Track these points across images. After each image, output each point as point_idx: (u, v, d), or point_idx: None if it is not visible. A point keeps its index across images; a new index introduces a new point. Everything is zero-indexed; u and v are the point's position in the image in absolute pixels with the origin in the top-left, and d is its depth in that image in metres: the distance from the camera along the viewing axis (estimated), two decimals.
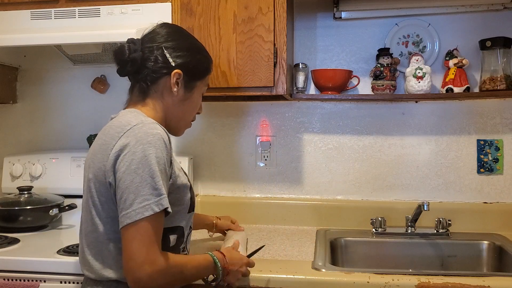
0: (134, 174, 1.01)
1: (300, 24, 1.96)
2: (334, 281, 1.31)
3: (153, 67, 1.17)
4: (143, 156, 1.02)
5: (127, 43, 1.18)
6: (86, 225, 1.13)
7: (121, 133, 1.07)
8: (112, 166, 1.04)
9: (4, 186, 1.99)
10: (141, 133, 1.05)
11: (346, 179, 1.95)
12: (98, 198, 1.09)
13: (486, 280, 1.26)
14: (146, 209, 0.99)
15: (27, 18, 1.71)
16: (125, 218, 1.00)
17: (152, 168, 1.02)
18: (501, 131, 1.86)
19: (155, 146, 1.04)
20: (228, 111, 2.02)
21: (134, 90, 1.21)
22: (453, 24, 1.86)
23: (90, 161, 1.13)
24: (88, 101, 2.09)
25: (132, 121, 1.09)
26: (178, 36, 1.23)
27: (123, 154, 1.03)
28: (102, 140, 1.11)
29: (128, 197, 1.00)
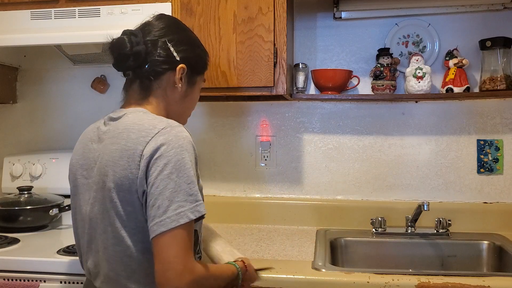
0: (167, 180, 0.95)
1: (300, 24, 1.96)
2: (334, 281, 1.31)
3: (157, 61, 1.10)
4: (176, 160, 0.97)
5: (125, 35, 1.10)
6: (105, 238, 1.03)
7: (147, 137, 1.00)
8: (144, 173, 0.98)
9: (4, 186, 1.99)
10: (172, 136, 1.00)
11: (346, 179, 1.95)
12: (123, 208, 1.00)
13: (486, 280, 1.26)
14: (182, 216, 0.94)
15: (27, 18, 1.71)
16: (158, 226, 0.94)
17: (186, 173, 0.97)
18: (501, 131, 1.86)
19: (187, 150, 0.99)
20: (228, 111, 2.02)
21: (133, 87, 1.14)
22: (453, 24, 1.86)
23: (107, 168, 1.02)
24: (88, 101, 2.09)
25: (158, 124, 1.02)
26: (178, 29, 1.18)
27: (154, 159, 0.97)
28: (121, 145, 1.02)
29: (162, 203, 0.95)
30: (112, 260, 1.03)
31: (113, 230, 1.02)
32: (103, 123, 1.13)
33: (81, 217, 1.11)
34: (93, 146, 1.10)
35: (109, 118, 1.12)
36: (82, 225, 1.11)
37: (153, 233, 0.95)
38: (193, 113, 2.00)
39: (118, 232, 1.01)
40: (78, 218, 1.13)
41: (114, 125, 1.08)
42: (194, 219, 0.97)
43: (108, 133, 1.07)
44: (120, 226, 1.01)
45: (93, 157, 1.09)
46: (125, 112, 1.10)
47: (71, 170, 1.16)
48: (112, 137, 1.05)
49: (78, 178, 1.12)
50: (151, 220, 0.96)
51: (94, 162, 1.08)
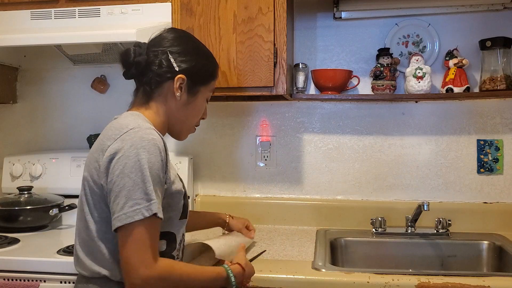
0: (127, 178, 1.02)
1: (300, 24, 1.96)
2: (334, 281, 1.31)
3: (157, 70, 1.17)
4: (136, 160, 1.02)
5: (133, 46, 1.20)
6: (78, 222, 1.14)
7: (117, 135, 1.08)
8: (106, 168, 1.05)
9: (4, 186, 1.99)
10: (136, 137, 1.05)
11: (346, 179, 1.95)
12: (91, 197, 1.09)
13: (486, 280, 1.26)
14: (137, 213, 1.00)
15: (27, 18, 1.71)
16: (116, 221, 1.01)
17: (144, 173, 1.02)
18: (501, 131, 1.86)
19: (148, 151, 1.04)
20: (228, 111, 2.02)
21: (138, 93, 1.22)
22: (453, 24, 1.86)
23: (88, 159, 1.14)
24: (88, 101, 2.09)
25: (129, 125, 1.09)
26: (184, 41, 1.23)
27: (117, 157, 1.04)
28: (100, 140, 1.12)
29: (120, 200, 1.01)
30: (82, 244, 1.12)
31: (84, 215, 1.11)
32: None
33: None
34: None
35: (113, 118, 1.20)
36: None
37: (113, 227, 1.02)
38: None
39: (86, 217, 1.10)
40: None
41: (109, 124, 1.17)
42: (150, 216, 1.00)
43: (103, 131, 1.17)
44: (87, 212, 1.10)
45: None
46: (122, 115, 1.18)
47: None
48: (101, 134, 1.16)
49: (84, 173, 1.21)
50: (112, 214, 1.03)
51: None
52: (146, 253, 1.00)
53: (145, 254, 1.00)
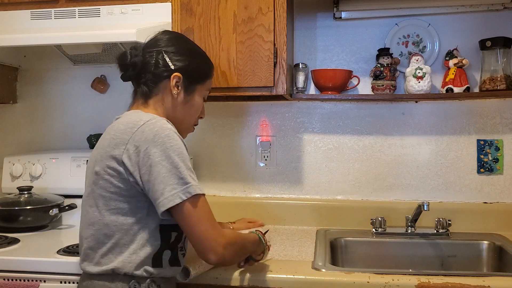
0: (159, 166, 1.06)
1: (300, 24, 1.96)
2: (334, 281, 1.31)
3: (154, 70, 1.21)
4: (164, 149, 1.07)
5: (129, 49, 1.24)
6: (89, 217, 1.16)
7: (134, 128, 1.11)
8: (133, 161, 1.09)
9: (4, 186, 1.99)
10: (157, 127, 1.10)
11: (346, 179, 1.95)
12: (106, 191, 1.12)
13: (486, 280, 1.26)
14: (175, 197, 1.06)
15: (27, 18, 1.71)
16: (160, 206, 1.07)
17: (174, 159, 1.07)
18: (501, 131, 1.86)
19: (173, 138, 1.09)
20: (228, 111, 2.02)
21: (137, 94, 1.26)
22: (453, 24, 1.86)
23: (98, 156, 1.15)
24: (88, 101, 2.09)
25: (143, 118, 1.13)
26: (179, 41, 1.28)
27: (143, 149, 1.08)
28: (111, 135, 1.14)
29: (159, 187, 1.06)
30: (90, 238, 1.15)
31: (96, 209, 1.14)
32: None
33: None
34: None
35: (115, 118, 1.24)
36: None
37: (159, 212, 1.08)
38: None
39: (100, 211, 1.13)
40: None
41: (115, 123, 1.20)
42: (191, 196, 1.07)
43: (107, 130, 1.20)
44: (102, 205, 1.13)
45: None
46: (126, 112, 1.23)
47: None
48: (106, 132, 1.19)
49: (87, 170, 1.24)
50: (154, 202, 1.09)
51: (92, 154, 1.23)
52: (215, 224, 1.10)
53: (215, 225, 1.10)
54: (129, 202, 1.12)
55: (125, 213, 1.12)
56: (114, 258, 1.12)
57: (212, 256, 1.09)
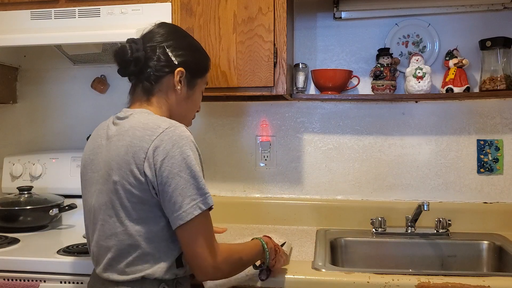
0: (177, 177, 1.05)
1: (300, 24, 1.96)
2: (334, 281, 1.31)
3: (156, 66, 1.18)
4: (182, 159, 1.05)
5: (127, 43, 1.19)
6: (109, 228, 1.11)
7: (153, 136, 1.07)
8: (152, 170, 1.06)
9: (4, 186, 1.99)
10: (175, 136, 1.08)
11: (346, 179, 1.95)
12: (128, 200, 1.08)
13: (486, 280, 1.26)
14: (195, 208, 1.05)
15: (27, 18, 1.71)
16: (177, 219, 1.05)
17: (192, 169, 1.06)
18: (501, 131, 1.86)
19: (191, 149, 1.08)
20: (228, 111, 2.02)
21: (137, 90, 1.22)
22: (453, 24, 1.86)
23: (113, 163, 1.10)
24: (88, 101, 2.09)
25: (161, 124, 1.10)
26: (177, 35, 1.25)
27: (161, 159, 1.05)
28: (127, 142, 1.10)
29: (177, 199, 1.05)
30: (114, 249, 1.10)
31: (117, 220, 1.09)
32: (112, 122, 1.20)
33: (88, 208, 1.19)
34: (101, 143, 1.18)
35: (116, 118, 1.19)
36: (89, 216, 1.19)
37: (174, 226, 1.07)
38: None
39: (122, 221, 1.09)
40: (86, 209, 1.21)
41: (121, 124, 1.15)
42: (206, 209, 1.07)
43: (116, 131, 1.15)
44: (124, 216, 1.09)
45: (101, 152, 1.16)
46: (132, 112, 1.17)
47: (84, 165, 1.23)
48: (119, 134, 1.13)
49: (88, 172, 1.20)
50: (170, 214, 1.07)
51: (101, 157, 1.16)
52: (212, 243, 1.09)
53: (211, 243, 1.08)
54: (152, 211, 1.09)
55: (148, 222, 1.09)
56: (141, 268, 1.10)
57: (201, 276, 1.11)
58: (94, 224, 1.15)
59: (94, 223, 1.15)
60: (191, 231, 1.06)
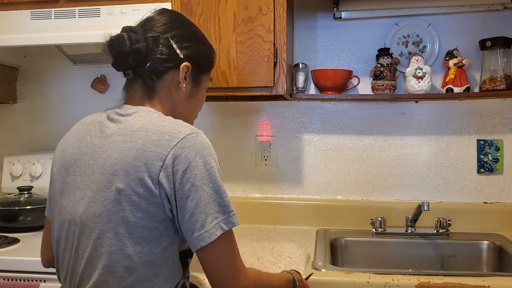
0: (201, 191, 0.91)
1: (300, 24, 1.96)
2: (334, 281, 1.31)
3: (159, 59, 1.03)
4: (205, 170, 0.92)
5: (125, 32, 1.03)
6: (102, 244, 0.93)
7: (172, 141, 0.92)
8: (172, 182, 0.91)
9: (4, 186, 1.99)
10: (198, 144, 0.94)
11: (346, 179, 1.95)
12: (132, 214, 0.91)
13: (486, 280, 1.26)
14: (217, 228, 0.91)
15: (27, 18, 1.71)
16: (198, 240, 0.91)
17: (217, 182, 0.93)
18: (501, 131, 1.86)
19: (214, 158, 0.95)
20: (228, 111, 2.02)
21: (135, 86, 1.06)
22: (453, 24, 1.86)
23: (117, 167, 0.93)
24: (88, 101, 2.09)
25: (181, 129, 0.95)
26: (181, 24, 1.09)
27: (183, 169, 0.91)
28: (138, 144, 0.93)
29: (199, 217, 0.91)
30: (104, 270, 0.93)
31: (114, 236, 0.92)
32: (106, 117, 1.03)
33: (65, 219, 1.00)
34: (92, 141, 1.00)
35: (115, 113, 1.02)
36: (67, 228, 0.99)
37: (195, 247, 0.93)
38: None
39: (120, 239, 0.92)
40: (61, 219, 1.01)
41: (125, 122, 0.98)
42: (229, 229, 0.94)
43: (118, 130, 0.98)
44: (124, 233, 0.91)
45: (93, 152, 0.98)
46: (136, 110, 1.01)
47: (62, 165, 1.03)
48: (124, 134, 0.96)
49: (70, 174, 1.01)
50: (190, 233, 0.92)
51: (94, 158, 0.98)
52: (239, 265, 0.95)
53: (238, 266, 0.95)
54: (157, 228, 0.93)
55: (150, 241, 0.92)
56: None
57: None
58: (78, 238, 0.96)
59: (78, 237, 0.96)
60: (214, 253, 0.92)
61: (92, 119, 1.06)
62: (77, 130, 1.08)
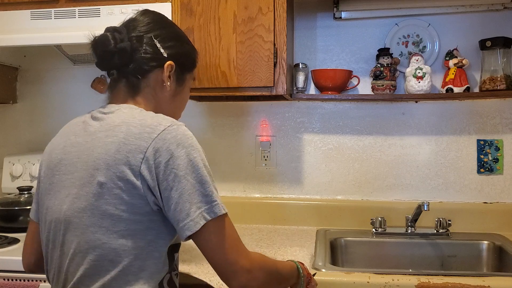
0: (184, 181, 0.91)
1: (300, 24, 1.96)
2: (334, 281, 1.31)
3: (143, 59, 1.04)
4: (188, 160, 0.92)
5: (108, 31, 1.05)
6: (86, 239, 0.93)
7: (153, 133, 0.93)
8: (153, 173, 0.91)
9: (4, 186, 1.99)
10: (179, 135, 0.94)
11: (346, 179, 1.95)
12: (115, 207, 0.92)
13: (486, 280, 1.26)
14: (200, 218, 0.91)
15: (27, 18, 1.71)
16: (184, 230, 0.92)
17: (199, 173, 0.93)
18: (501, 131, 1.86)
19: (197, 149, 0.95)
20: (228, 111, 2.02)
21: (120, 86, 1.07)
22: (453, 24, 1.86)
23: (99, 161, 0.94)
24: (88, 101, 2.09)
25: (162, 121, 0.96)
26: (164, 24, 1.12)
27: (165, 161, 0.91)
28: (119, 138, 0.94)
29: (184, 206, 0.91)
30: (89, 265, 0.93)
31: (99, 230, 0.92)
32: (91, 117, 1.05)
33: (52, 218, 1.00)
34: (76, 140, 1.01)
35: (98, 112, 1.05)
36: (54, 227, 0.99)
37: (182, 237, 0.93)
38: (193, 113, 2.03)
39: (104, 233, 0.92)
40: (47, 220, 1.01)
41: (107, 119, 1.00)
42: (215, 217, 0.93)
43: (100, 127, 0.99)
44: (107, 226, 0.92)
45: (77, 151, 0.99)
46: (118, 107, 1.03)
47: (48, 166, 1.04)
48: (106, 130, 0.97)
49: (55, 174, 1.01)
50: (176, 223, 0.93)
51: (77, 156, 0.98)
52: (239, 246, 0.95)
53: (238, 247, 0.95)
54: (142, 222, 0.93)
55: (135, 234, 0.93)
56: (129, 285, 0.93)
57: (235, 283, 0.94)
58: (63, 235, 0.96)
59: (63, 234, 0.96)
60: (204, 240, 0.93)
61: (77, 120, 1.09)
62: (62, 132, 1.09)
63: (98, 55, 1.05)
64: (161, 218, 0.95)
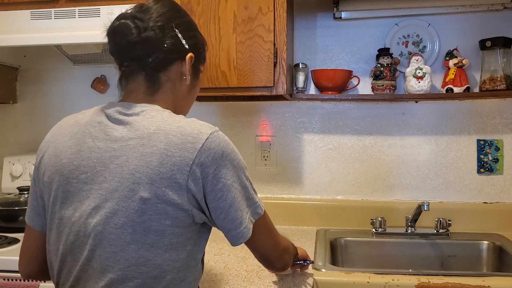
0: (233, 190, 0.91)
1: (300, 24, 1.96)
2: (334, 281, 1.31)
3: (166, 50, 0.97)
4: (233, 167, 0.92)
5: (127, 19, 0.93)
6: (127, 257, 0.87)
7: (197, 143, 0.88)
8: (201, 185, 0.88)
9: (4, 186, 1.99)
10: (222, 142, 0.92)
11: (346, 179, 1.95)
12: (159, 223, 0.86)
13: (486, 280, 1.26)
14: (249, 222, 0.95)
15: (27, 18, 1.71)
16: (238, 238, 0.93)
17: (242, 177, 0.95)
18: (501, 131, 1.86)
19: (237, 153, 0.96)
20: (228, 111, 2.02)
21: (138, 79, 0.99)
22: (453, 24, 1.86)
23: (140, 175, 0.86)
24: (88, 101, 2.09)
25: (201, 128, 0.92)
26: (182, 13, 1.04)
27: (213, 171, 0.88)
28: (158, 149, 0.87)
29: (236, 215, 0.92)
30: (132, 283, 0.87)
31: (141, 247, 0.86)
32: (106, 117, 0.96)
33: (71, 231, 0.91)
34: (96, 144, 0.92)
35: (118, 112, 0.95)
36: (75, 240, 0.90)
37: (235, 244, 0.95)
38: (193, 113, 2.01)
39: (148, 249, 0.87)
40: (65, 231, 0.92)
41: (136, 123, 0.91)
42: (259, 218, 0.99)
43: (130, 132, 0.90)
44: (152, 242, 0.86)
45: (99, 157, 0.90)
46: (142, 108, 0.94)
47: (60, 172, 0.93)
48: (141, 138, 0.89)
49: (72, 182, 0.91)
50: (227, 231, 0.93)
51: (102, 164, 0.89)
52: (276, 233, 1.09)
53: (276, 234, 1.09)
54: (183, 234, 0.89)
55: (177, 248, 0.89)
56: None
57: (279, 264, 1.12)
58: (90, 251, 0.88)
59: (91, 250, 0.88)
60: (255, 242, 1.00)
61: (89, 119, 0.98)
62: (72, 131, 0.98)
63: (118, 45, 0.95)
64: (197, 227, 0.93)
